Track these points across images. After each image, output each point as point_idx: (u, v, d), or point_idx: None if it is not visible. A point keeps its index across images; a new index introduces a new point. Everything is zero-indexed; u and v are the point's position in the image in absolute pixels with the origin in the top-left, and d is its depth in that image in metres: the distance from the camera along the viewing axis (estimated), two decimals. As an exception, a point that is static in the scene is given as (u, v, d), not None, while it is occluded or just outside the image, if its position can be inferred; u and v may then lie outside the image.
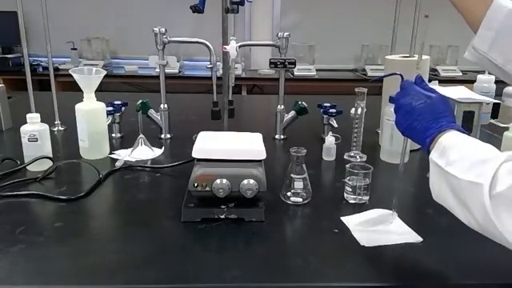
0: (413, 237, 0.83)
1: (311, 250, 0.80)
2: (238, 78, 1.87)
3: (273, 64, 1.37)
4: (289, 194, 0.97)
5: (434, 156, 0.67)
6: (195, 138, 0.96)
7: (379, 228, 0.87)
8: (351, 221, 0.89)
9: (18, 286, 0.69)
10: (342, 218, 0.90)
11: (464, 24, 0.83)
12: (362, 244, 0.81)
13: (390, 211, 0.90)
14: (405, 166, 0.83)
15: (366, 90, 1.21)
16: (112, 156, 1.25)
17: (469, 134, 0.68)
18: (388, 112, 1.22)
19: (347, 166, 1.00)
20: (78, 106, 1.21)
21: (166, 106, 1.43)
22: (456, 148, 0.64)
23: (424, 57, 1.33)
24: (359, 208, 0.95)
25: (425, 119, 0.71)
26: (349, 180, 0.99)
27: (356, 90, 1.21)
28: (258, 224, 0.87)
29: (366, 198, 0.99)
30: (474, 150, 0.63)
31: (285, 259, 0.78)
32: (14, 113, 1.51)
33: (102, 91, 1.35)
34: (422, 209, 0.98)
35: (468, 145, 0.64)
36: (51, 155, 1.15)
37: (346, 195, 1.00)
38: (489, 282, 0.72)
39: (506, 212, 0.54)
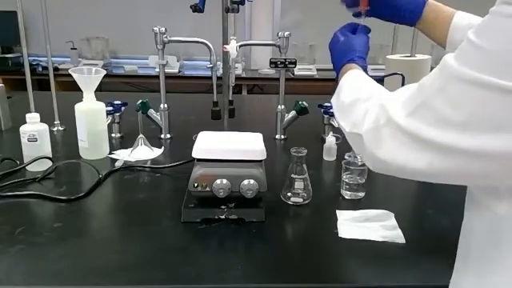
0: (397, 237, 0.83)
1: (311, 251, 0.80)
2: (238, 78, 1.87)
3: (273, 64, 1.36)
4: (289, 194, 0.97)
5: (333, 98, 0.72)
6: (195, 137, 0.96)
7: (366, 224, 0.87)
8: (344, 215, 0.90)
9: (18, 287, 0.69)
10: (337, 211, 0.92)
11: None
12: (339, 235, 0.83)
13: (387, 211, 0.90)
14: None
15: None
16: (112, 156, 1.24)
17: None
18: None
19: (343, 161, 1.01)
20: (77, 106, 1.21)
21: (165, 105, 1.43)
22: (346, 89, 0.68)
23: (425, 56, 1.33)
24: (356, 204, 0.96)
25: (335, 57, 0.81)
26: (345, 176, 1.00)
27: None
28: (258, 224, 0.87)
29: (362, 194, 1.00)
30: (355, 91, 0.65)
31: (285, 259, 0.77)
32: (14, 113, 1.51)
33: (101, 91, 1.35)
34: (422, 209, 0.97)
35: (354, 86, 0.68)
36: (51, 155, 1.15)
37: (342, 191, 1.01)
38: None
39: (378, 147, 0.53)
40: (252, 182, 0.85)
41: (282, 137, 1.46)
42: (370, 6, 0.87)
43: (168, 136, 1.45)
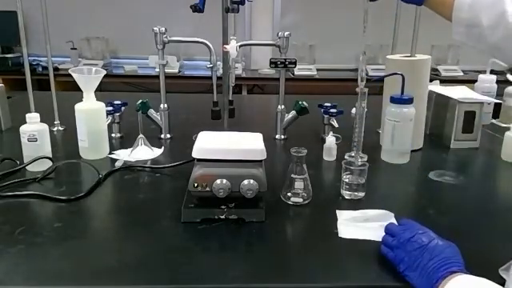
0: None
1: (311, 251, 0.80)
2: (238, 78, 1.87)
3: (273, 64, 1.36)
4: (289, 194, 0.97)
5: None
6: (195, 137, 0.96)
7: (366, 224, 0.87)
8: (344, 215, 0.91)
9: (18, 287, 0.69)
10: (337, 211, 0.92)
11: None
12: (339, 235, 0.83)
13: (387, 211, 0.90)
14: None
15: (366, 89, 1.21)
16: (112, 156, 1.24)
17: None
18: (389, 112, 1.21)
19: (343, 161, 1.01)
20: (77, 106, 1.21)
21: (165, 105, 1.43)
22: None
23: (425, 56, 1.33)
24: (356, 204, 0.96)
25: (433, 261, 0.66)
26: (345, 176, 1.00)
27: (357, 89, 1.21)
28: (258, 224, 0.87)
29: (362, 194, 1.00)
30: None
31: (285, 259, 0.77)
32: (14, 113, 1.51)
33: (101, 91, 1.35)
34: (422, 209, 0.97)
35: None
36: (51, 155, 1.15)
37: (342, 191, 1.01)
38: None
39: None
40: (252, 182, 0.85)
41: (282, 137, 1.46)
42: None
43: (168, 136, 1.45)
